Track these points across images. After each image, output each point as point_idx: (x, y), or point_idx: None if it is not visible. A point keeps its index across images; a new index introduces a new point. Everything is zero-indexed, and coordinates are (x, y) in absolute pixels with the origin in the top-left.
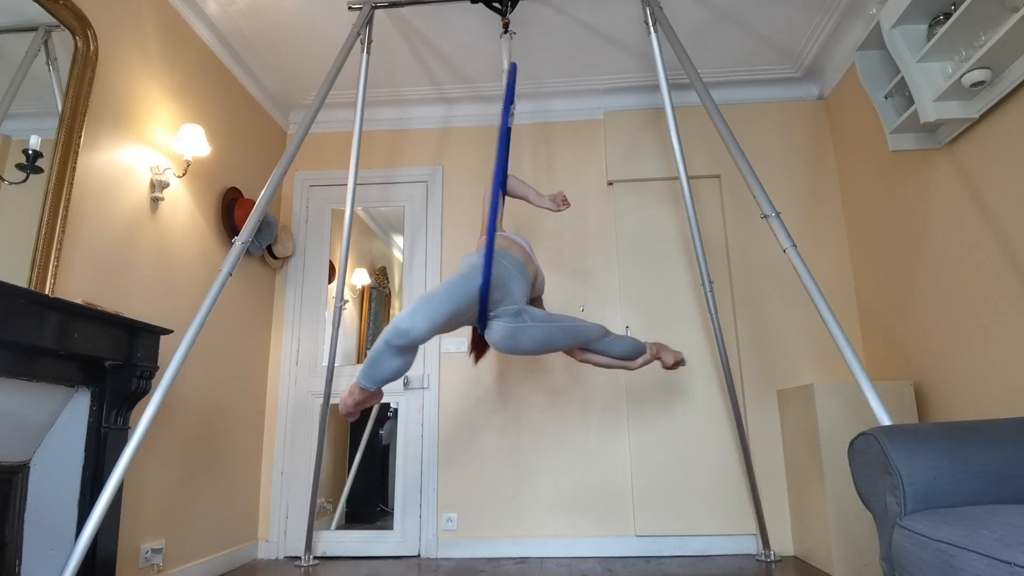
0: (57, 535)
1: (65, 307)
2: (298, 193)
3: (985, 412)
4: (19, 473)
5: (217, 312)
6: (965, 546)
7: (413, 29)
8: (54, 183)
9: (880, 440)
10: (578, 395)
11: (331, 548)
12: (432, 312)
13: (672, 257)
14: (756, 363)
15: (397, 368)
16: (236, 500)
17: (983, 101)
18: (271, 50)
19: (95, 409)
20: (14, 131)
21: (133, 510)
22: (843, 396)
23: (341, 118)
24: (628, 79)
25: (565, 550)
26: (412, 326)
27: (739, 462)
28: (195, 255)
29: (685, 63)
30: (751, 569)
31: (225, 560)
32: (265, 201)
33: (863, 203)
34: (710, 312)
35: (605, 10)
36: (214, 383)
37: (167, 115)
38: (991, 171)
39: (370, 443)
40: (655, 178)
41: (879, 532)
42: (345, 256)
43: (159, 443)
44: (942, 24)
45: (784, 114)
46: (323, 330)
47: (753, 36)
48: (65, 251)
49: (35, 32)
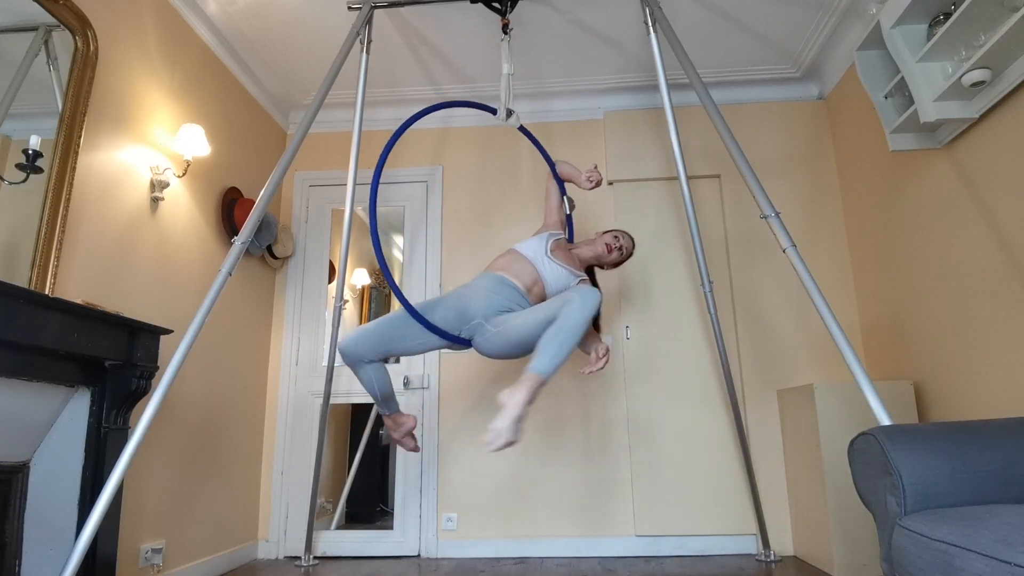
0: (57, 535)
1: (65, 307)
2: (298, 193)
3: (985, 412)
4: (19, 473)
5: (217, 312)
6: (965, 546)
7: (413, 29)
8: (54, 183)
9: (880, 440)
10: (578, 395)
11: (331, 548)
12: (360, 338)
13: (672, 257)
14: (756, 363)
15: (366, 380)
16: (236, 500)
17: (983, 101)
18: (271, 50)
19: (95, 409)
20: (14, 131)
21: (133, 510)
22: (843, 396)
23: (341, 118)
24: (628, 79)
25: (565, 550)
26: (343, 347)
27: (739, 462)
28: (195, 255)
29: (685, 63)
30: (751, 569)
31: (225, 560)
32: (265, 201)
33: (863, 203)
34: (710, 312)
35: (605, 10)
36: (214, 383)
37: (167, 115)
38: (991, 171)
39: (370, 443)
40: (655, 178)
41: (879, 532)
42: (345, 256)
43: (159, 443)
44: (942, 24)
45: (784, 114)
46: (323, 330)
47: (753, 36)
48: (65, 251)
49: (35, 32)
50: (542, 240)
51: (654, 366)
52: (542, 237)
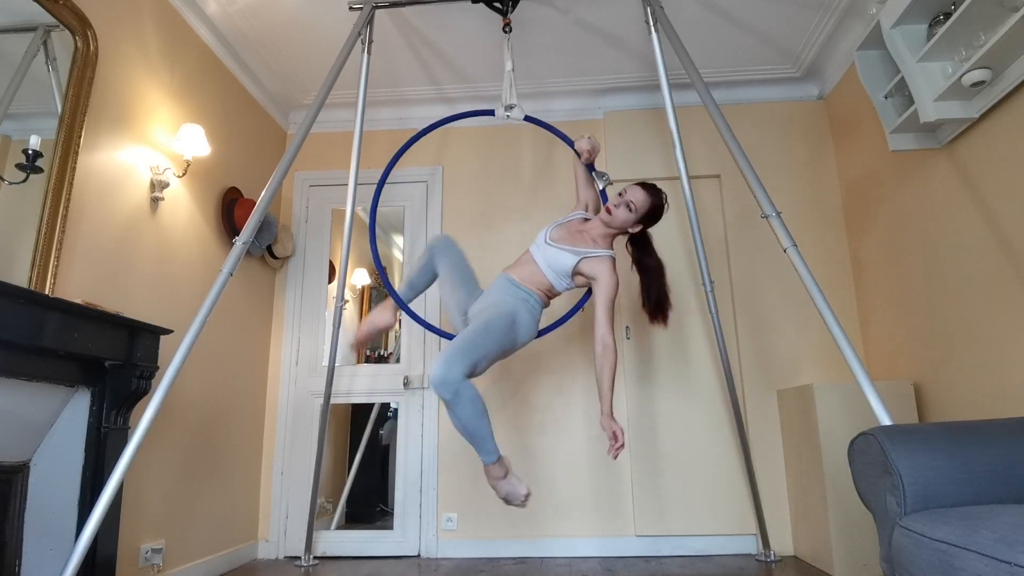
0: (57, 535)
1: (65, 307)
2: (298, 193)
3: (985, 412)
4: (19, 473)
5: (217, 312)
6: (965, 546)
7: (413, 29)
8: (54, 183)
9: (880, 440)
10: (578, 394)
11: (331, 548)
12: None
13: (672, 257)
14: (756, 363)
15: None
16: (236, 500)
17: (983, 101)
18: (271, 50)
19: (95, 409)
20: (14, 131)
21: (133, 510)
22: (843, 396)
23: (341, 118)
24: (628, 79)
25: (565, 550)
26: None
27: (739, 462)
28: (195, 255)
29: (686, 63)
30: (751, 569)
31: (225, 560)
32: (265, 201)
33: (863, 203)
34: (710, 312)
35: (605, 10)
36: (214, 383)
37: (167, 115)
38: (991, 171)
39: (370, 443)
40: (655, 178)
41: (879, 532)
42: (345, 256)
43: (159, 443)
44: (942, 24)
45: (784, 114)
46: (323, 330)
47: (753, 36)
48: (65, 251)
49: (35, 32)
50: (547, 227)
51: (654, 366)
52: (551, 224)
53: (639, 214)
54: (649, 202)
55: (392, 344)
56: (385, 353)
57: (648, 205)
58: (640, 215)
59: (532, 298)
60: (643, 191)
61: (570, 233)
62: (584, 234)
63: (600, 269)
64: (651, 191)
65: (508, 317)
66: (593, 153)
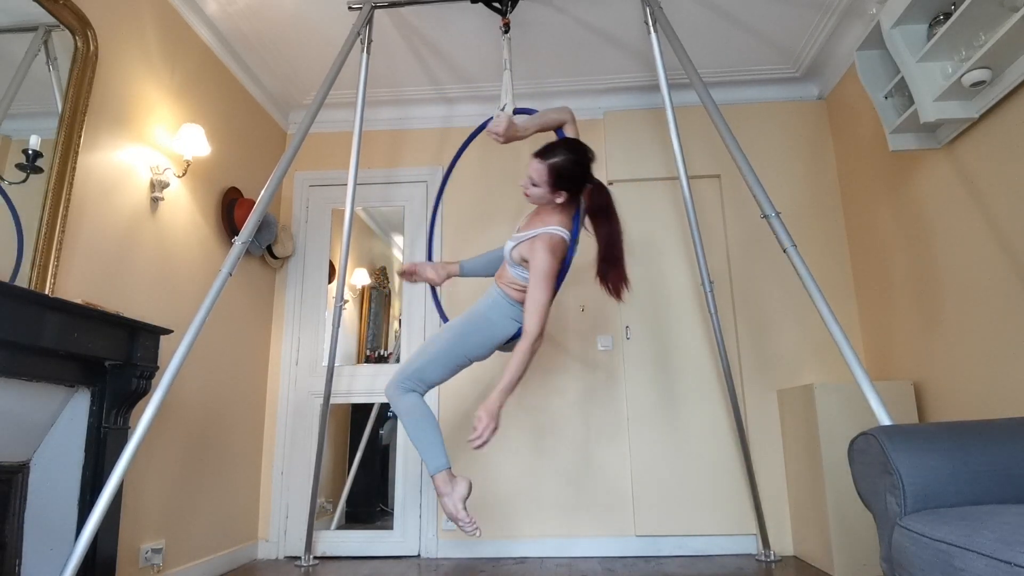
0: (57, 535)
1: (65, 307)
2: (298, 193)
3: (985, 412)
4: (19, 473)
5: (217, 312)
6: (965, 546)
7: (413, 29)
8: (54, 183)
9: (880, 440)
10: (578, 395)
11: (331, 548)
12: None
13: (672, 257)
14: (756, 363)
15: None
16: (236, 500)
17: (983, 101)
18: (271, 50)
19: (95, 409)
20: (14, 131)
21: (133, 510)
22: (843, 396)
23: (341, 118)
24: (628, 79)
25: (565, 550)
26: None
27: (739, 462)
28: (195, 255)
29: (685, 63)
30: (751, 569)
31: (225, 560)
32: (265, 201)
33: (863, 203)
34: (710, 312)
35: (605, 10)
36: (214, 383)
37: (167, 115)
38: (991, 171)
39: (370, 443)
40: (655, 178)
41: (879, 532)
42: (345, 256)
43: (159, 443)
44: (942, 24)
45: (784, 114)
46: (323, 330)
47: (753, 36)
48: (65, 251)
49: (35, 32)
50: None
51: (654, 366)
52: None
53: (547, 185)
54: (546, 168)
55: (392, 344)
56: (385, 353)
57: (546, 172)
58: (550, 184)
59: (499, 296)
60: (535, 159)
61: (529, 219)
62: (539, 216)
63: (529, 249)
64: (544, 153)
65: (467, 323)
66: (507, 133)
